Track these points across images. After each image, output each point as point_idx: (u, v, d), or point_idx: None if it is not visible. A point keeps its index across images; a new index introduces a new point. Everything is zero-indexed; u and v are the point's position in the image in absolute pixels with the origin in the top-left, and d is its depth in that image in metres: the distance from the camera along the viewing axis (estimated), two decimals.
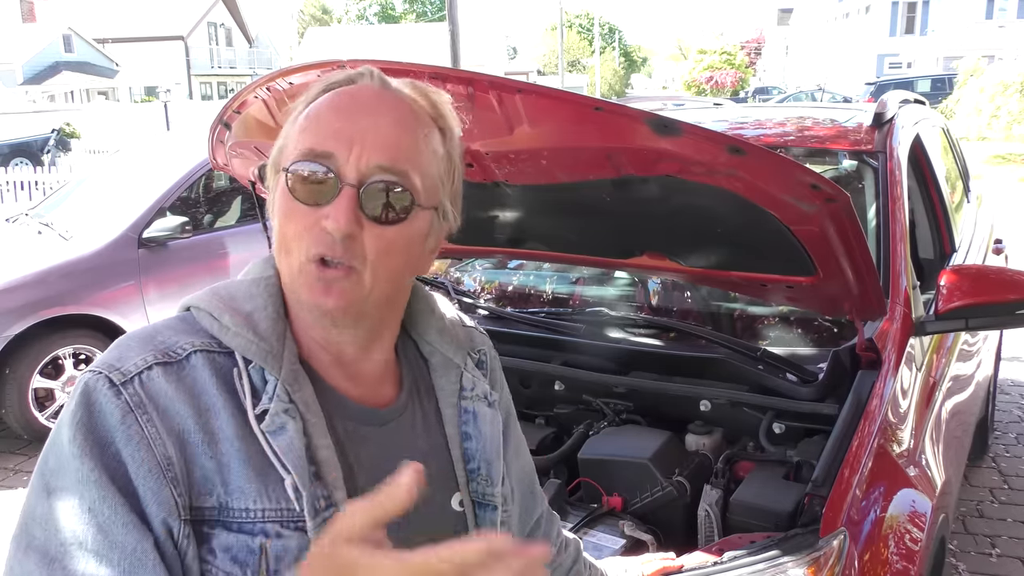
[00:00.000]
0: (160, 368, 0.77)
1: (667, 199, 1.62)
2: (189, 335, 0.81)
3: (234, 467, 0.76)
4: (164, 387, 0.76)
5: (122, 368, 0.76)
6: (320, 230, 0.79)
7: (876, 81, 27.35)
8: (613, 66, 70.71)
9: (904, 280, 2.05)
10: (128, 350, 0.79)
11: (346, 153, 0.79)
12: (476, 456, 0.94)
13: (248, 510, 0.76)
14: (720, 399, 1.90)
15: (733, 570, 1.38)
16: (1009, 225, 5.44)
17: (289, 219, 0.81)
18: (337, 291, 0.80)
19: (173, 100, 23.11)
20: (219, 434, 0.76)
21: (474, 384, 0.97)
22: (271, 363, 0.80)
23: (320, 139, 0.80)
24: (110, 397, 0.75)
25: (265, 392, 0.79)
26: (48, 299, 4.21)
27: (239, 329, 0.81)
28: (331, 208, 0.79)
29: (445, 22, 11.79)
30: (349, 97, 0.83)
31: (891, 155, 2.38)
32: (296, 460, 0.77)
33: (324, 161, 0.79)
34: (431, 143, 0.85)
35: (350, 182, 0.79)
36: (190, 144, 5.20)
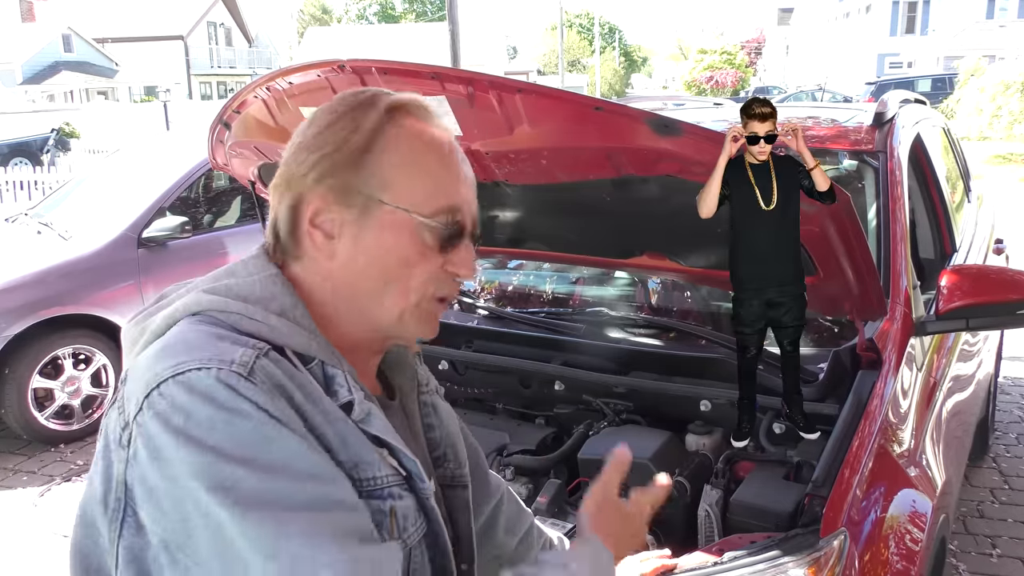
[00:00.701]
0: (264, 358, 0.77)
1: (667, 199, 1.62)
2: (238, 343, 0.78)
3: (352, 441, 0.80)
4: (277, 372, 0.76)
5: (235, 360, 0.74)
6: (447, 276, 0.88)
7: (876, 81, 27.36)
8: (613, 66, 70.71)
9: (904, 280, 2.05)
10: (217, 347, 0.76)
11: (467, 206, 0.88)
12: (441, 443, 1.01)
13: (375, 478, 0.80)
14: (720, 399, 1.90)
15: (733, 570, 1.38)
16: (1009, 225, 5.43)
17: (419, 264, 0.85)
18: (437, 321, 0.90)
19: (173, 100, 23.12)
20: (331, 414, 0.79)
21: (428, 379, 1.04)
22: (332, 357, 0.84)
23: (449, 195, 0.87)
24: (249, 385, 0.73)
25: (338, 384, 0.82)
26: (48, 299, 4.21)
27: (289, 328, 0.82)
28: (458, 256, 0.88)
29: (445, 22, 11.78)
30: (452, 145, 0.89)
31: (891, 155, 2.37)
32: (395, 436, 0.84)
33: (456, 215, 0.87)
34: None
35: (472, 233, 0.89)
36: (190, 144, 5.20)
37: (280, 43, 57.63)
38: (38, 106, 24.65)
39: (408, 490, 0.84)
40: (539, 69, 59.47)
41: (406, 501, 0.84)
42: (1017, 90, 16.48)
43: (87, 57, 38.89)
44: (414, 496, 0.85)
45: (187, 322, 0.81)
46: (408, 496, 0.84)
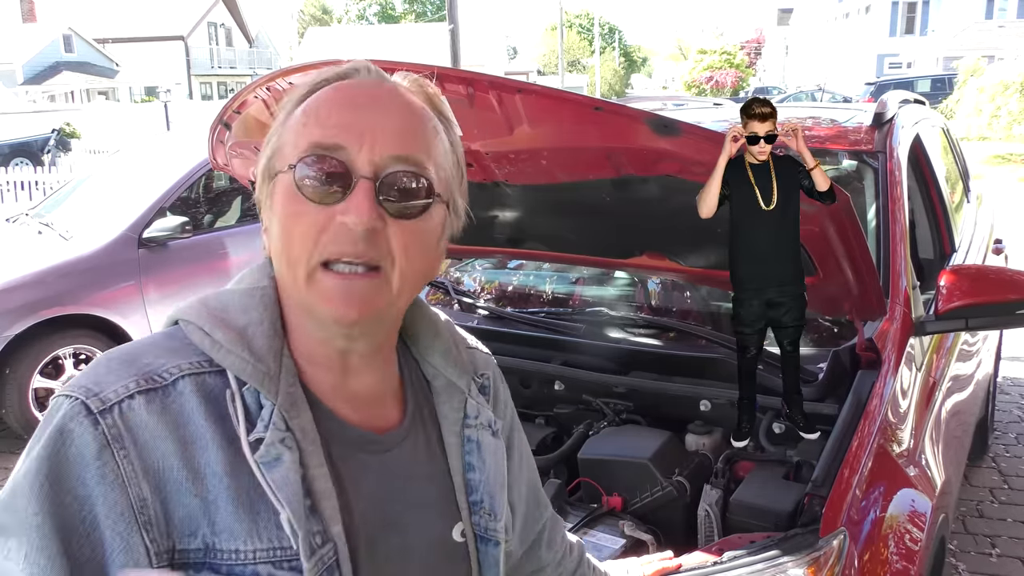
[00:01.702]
0: (142, 397, 0.70)
1: (667, 199, 1.62)
2: (177, 356, 0.74)
3: (221, 505, 0.70)
4: (145, 419, 0.70)
5: (101, 394, 0.70)
6: (337, 227, 0.72)
7: (876, 81, 27.35)
8: (613, 66, 70.71)
9: (904, 280, 2.05)
10: (109, 373, 0.72)
11: (357, 144, 0.73)
12: (479, 488, 0.89)
13: (238, 551, 0.70)
14: (720, 399, 1.90)
15: (733, 570, 1.38)
16: (1009, 225, 5.43)
17: (297, 222, 0.73)
18: (359, 297, 0.74)
19: (173, 100, 23.10)
20: (205, 470, 0.70)
21: (478, 412, 0.91)
22: (267, 386, 0.74)
23: (326, 132, 0.74)
24: (87, 427, 0.68)
25: (260, 418, 0.73)
26: (48, 299, 4.21)
27: (232, 347, 0.74)
28: (348, 204, 0.72)
29: (445, 22, 11.78)
30: (350, 89, 0.77)
31: (891, 155, 2.38)
32: (291, 495, 0.71)
33: (334, 154, 0.73)
34: (439, 134, 0.80)
35: (365, 174, 0.73)
36: (190, 144, 5.19)
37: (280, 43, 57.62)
38: (39, 106, 24.63)
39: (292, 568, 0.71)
40: (539, 69, 59.46)
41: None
42: (1016, 90, 16.48)
43: (88, 57, 38.89)
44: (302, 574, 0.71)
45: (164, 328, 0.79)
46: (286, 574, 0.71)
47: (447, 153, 0.81)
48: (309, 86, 0.79)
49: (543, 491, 1.13)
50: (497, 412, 0.96)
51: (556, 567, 1.16)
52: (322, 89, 0.78)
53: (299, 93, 0.79)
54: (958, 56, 24.79)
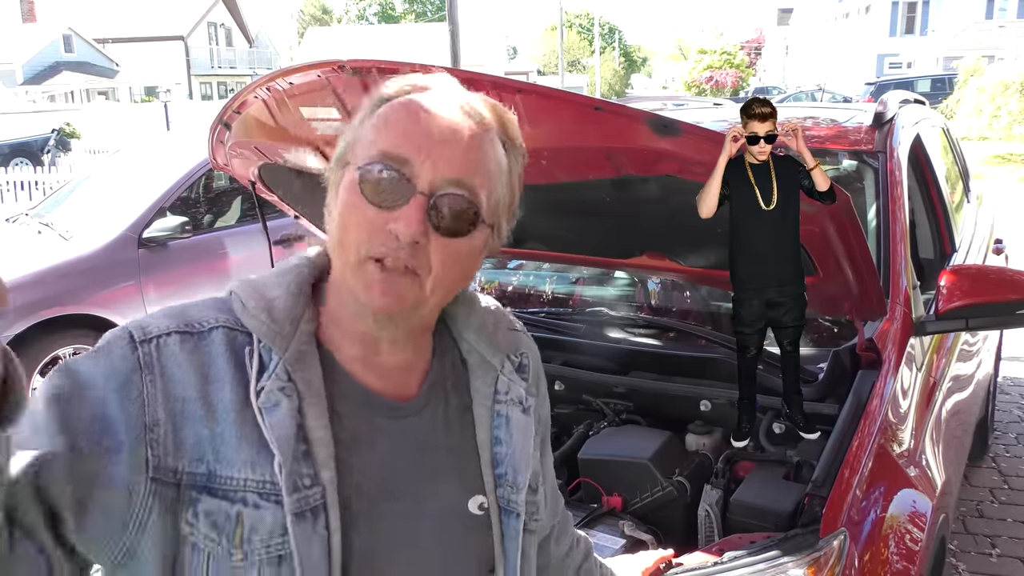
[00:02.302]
0: (179, 336, 0.81)
1: (667, 199, 1.62)
2: (218, 312, 0.85)
3: (227, 437, 0.79)
4: (176, 354, 0.80)
5: (146, 328, 0.81)
6: (386, 233, 0.79)
7: (876, 81, 27.35)
8: (613, 66, 70.70)
9: (904, 280, 2.05)
10: (159, 317, 0.84)
11: (421, 161, 0.80)
12: (504, 461, 0.93)
13: (232, 478, 0.78)
14: (720, 399, 1.90)
15: (733, 570, 1.38)
16: (1009, 225, 5.43)
17: (353, 216, 0.81)
18: (396, 292, 0.81)
19: (173, 100, 23.11)
20: (219, 405, 0.79)
21: (509, 388, 0.96)
22: (278, 343, 0.83)
23: (396, 143, 0.81)
24: (127, 351, 0.79)
25: (268, 369, 0.82)
26: (48, 299, 4.21)
27: (257, 312, 0.84)
28: (400, 213, 0.79)
29: (445, 22, 11.79)
30: (425, 104, 0.83)
31: (891, 155, 2.38)
32: (282, 436, 0.79)
33: (399, 166, 0.80)
34: (500, 163, 0.86)
35: (422, 190, 0.80)
36: (190, 144, 5.20)
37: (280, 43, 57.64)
38: (39, 106, 24.64)
39: (276, 502, 0.78)
40: (539, 69, 59.46)
41: (263, 513, 0.78)
42: (1016, 90, 16.48)
43: (88, 57, 38.89)
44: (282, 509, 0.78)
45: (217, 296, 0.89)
46: (269, 507, 0.78)
47: (503, 176, 0.87)
48: (394, 88, 0.86)
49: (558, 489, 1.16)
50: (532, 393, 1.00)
51: (562, 561, 1.19)
52: (404, 96, 0.85)
53: (384, 94, 0.86)
54: (958, 56, 24.80)
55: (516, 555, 0.93)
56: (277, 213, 2.53)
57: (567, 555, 1.19)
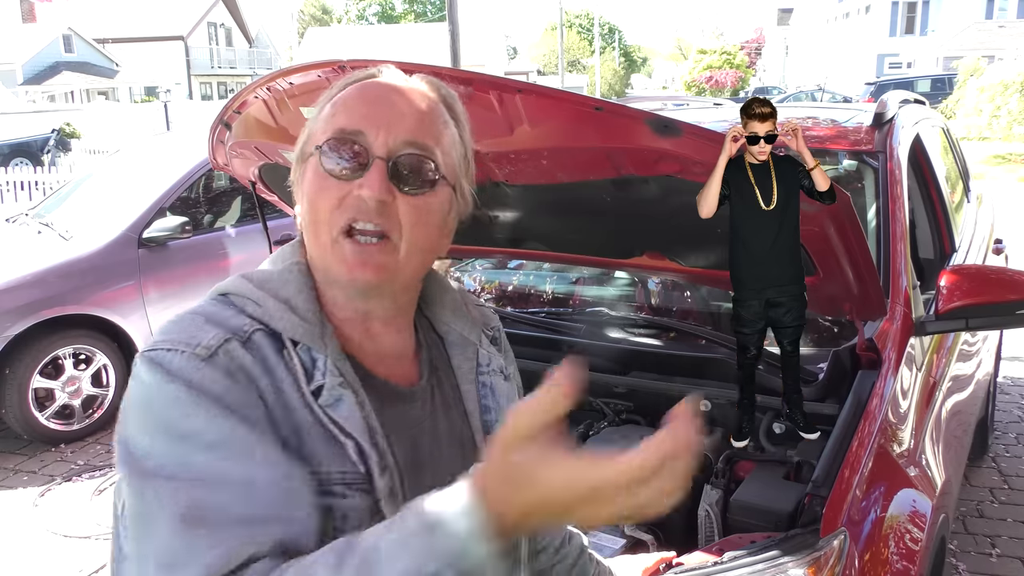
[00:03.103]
0: (236, 342, 0.81)
1: (667, 199, 1.62)
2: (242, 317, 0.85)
3: (306, 433, 0.81)
4: (243, 357, 0.80)
5: (203, 343, 0.79)
6: (354, 199, 0.84)
7: (876, 81, 27.35)
8: (613, 66, 70.69)
9: (904, 280, 2.05)
10: (197, 330, 0.81)
11: (375, 131, 0.85)
12: (495, 426, 0.98)
13: (319, 472, 0.80)
14: (720, 399, 1.90)
15: (733, 570, 1.38)
16: (1009, 225, 5.43)
17: (320, 195, 0.85)
18: (373, 264, 0.85)
19: (173, 100, 23.11)
20: (291, 403, 0.81)
21: (489, 360, 1.02)
22: (318, 342, 0.84)
23: (350, 120, 0.86)
24: (205, 369, 0.77)
25: (316, 369, 0.83)
26: (48, 299, 4.21)
27: (283, 313, 0.85)
28: (364, 179, 0.84)
29: (445, 22, 11.78)
30: (372, 86, 0.90)
31: (891, 155, 2.37)
32: (358, 426, 0.82)
33: (355, 137, 0.85)
34: (449, 128, 0.91)
35: (379, 155, 0.85)
36: (190, 144, 5.20)
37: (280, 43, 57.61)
38: (39, 106, 24.63)
39: (360, 489, 0.82)
40: (539, 69, 59.45)
41: (352, 500, 0.81)
42: (1016, 90, 16.47)
43: (88, 57, 38.87)
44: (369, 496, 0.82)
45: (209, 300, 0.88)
46: (356, 495, 0.81)
47: (455, 144, 0.92)
48: (340, 85, 0.92)
49: None
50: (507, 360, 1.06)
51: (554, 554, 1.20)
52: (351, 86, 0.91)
53: (332, 91, 0.92)
54: (958, 56, 24.80)
55: None
56: (277, 213, 2.53)
57: (560, 548, 1.21)
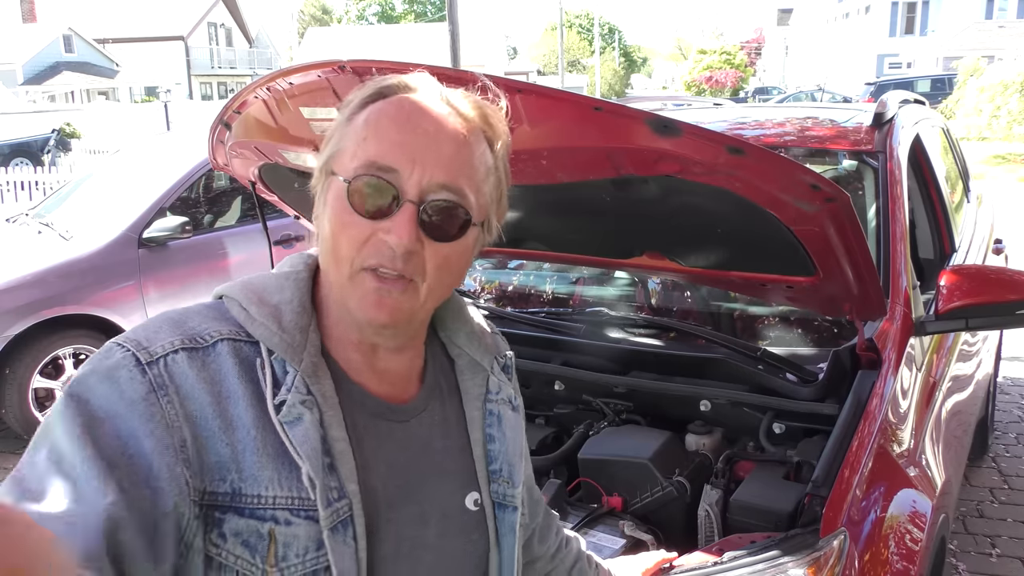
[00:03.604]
0: (185, 353, 0.78)
1: (667, 199, 1.62)
2: (218, 323, 0.82)
3: (248, 455, 0.77)
4: (187, 372, 0.77)
5: (150, 348, 0.77)
6: (379, 243, 0.80)
7: (876, 81, 27.35)
8: (613, 66, 70.67)
9: (904, 280, 2.05)
10: (158, 331, 0.79)
11: (409, 169, 0.80)
12: (499, 458, 0.96)
13: (261, 496, 0.77)
14: (720, 399, 1.90)
15: (733, 570, 1.38)
16: (1009, 225, 5.43)
17: (345, 228, 0.81)
18: (391, 305, 0.81)
19: (173, 100, 23.10)
20: (236, 421, 0.77)
21: (500, 388, 0.99)
22: (291, 355, 0.81)
23: (383, 152, 0.80)
24: (136, 374, 0.75)
25: (284, 383, 0.80)
26: (48, 299, 4.21)
27: (264, 320, 0.82)
28: (392, 223, 0.79)
29: (445, 22, 11.79)
30: (410, 110, 0.83)
31: (891, 155, 2.37)
32: (311, 451, 0.78)
33: (387, 176, 0.80)
34: (486, 161, 0.87)
35: (411, 198, 0.80)
36: (190, 144, 5.20)
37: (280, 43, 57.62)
38: (39, 106, 24.63)
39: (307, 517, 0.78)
40: (539, 69, 59.44)
41: (296, 529, 0.77)
42: (1016, 90, 16.46)
43: (88, 57, 38.87)
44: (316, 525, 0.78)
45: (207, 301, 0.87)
46: (302, 524, 0.78)
47: (490, 173, 0.87)
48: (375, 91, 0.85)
49: (537, 489, 1.18)
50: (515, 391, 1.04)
51: (550, 561, 1.20)
52: (385, 100, 0.84)
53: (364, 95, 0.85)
54: (958, 56, 24.79)
55: (513, 547, 0.96)
56: (277, 213, 2.53)
57: (555, 555, 1.21)
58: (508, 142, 0.92)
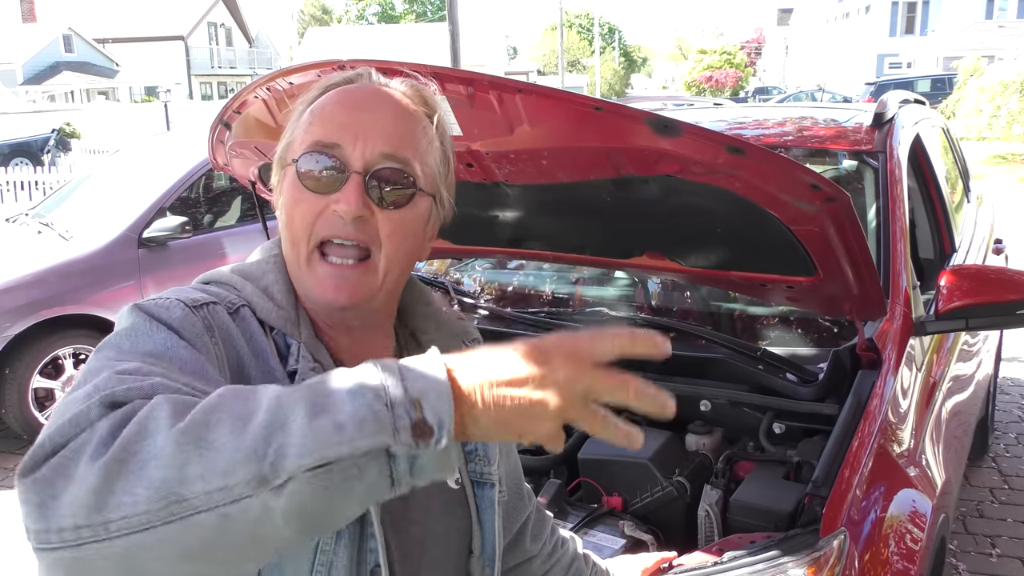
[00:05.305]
0: (222, 307, 0.82)
1: (667, 199, 1.62)
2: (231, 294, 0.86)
3: None
4: (227, 321, 0.81)
5: (191, 297, 0.81)
6: (330, 214, 0.84)
7: (876, 81, 27.35)
8: (613, 66, 70.67)
9: (904, 280, 2.05)
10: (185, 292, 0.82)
11: (352, 143, 0.84)
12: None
13: None
14: (720, 399, 1.90)
15: (733, 570, 1.38)
16: (1009, 225, 5.43)
17: (297, 207, 0.85)
18: (349, 287, 0.85)
19: (173, 100, 23.11)
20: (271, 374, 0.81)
21: None
22: (291, 329, 0.85)
23: (327, 132, 0.85)
24: (189, 313, 0.78)
25: (291, 354, 0.84)
26: (48, 299, 4.21)
27: (260, 299, 0.86)
28: (340, 194, 0.84)
29: (445, 22, 11.79)
30: (350, 94, 0.89)
31: (891, 155, 2.37)
32: None
33: (331, 151, 0.85)
34: (427, 134, 0.90)
35: (356, 169, 0.84)
36: (190, 144, 5.19)
37: (280, 43, 57.64)
38: (39, 106, 24.64)
39: None
40: (539, 69, 59.43)
41: None
42: (1016, 90, 16.46)
43: (88, 57, 38.87)
44: None
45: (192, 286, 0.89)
46: None
47: (434, 150, 0.91)
48: (320, 89, 0.91)
49: (526, 486, 1.20)
50: None
51: (546, 560, 1.22)
52: (329, 92, 0.90)
53: (311, 95, 0.91)
54: (958, 56, 24.80)
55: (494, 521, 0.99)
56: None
57: (552, 555, 1.23)
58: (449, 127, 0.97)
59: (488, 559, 0.99)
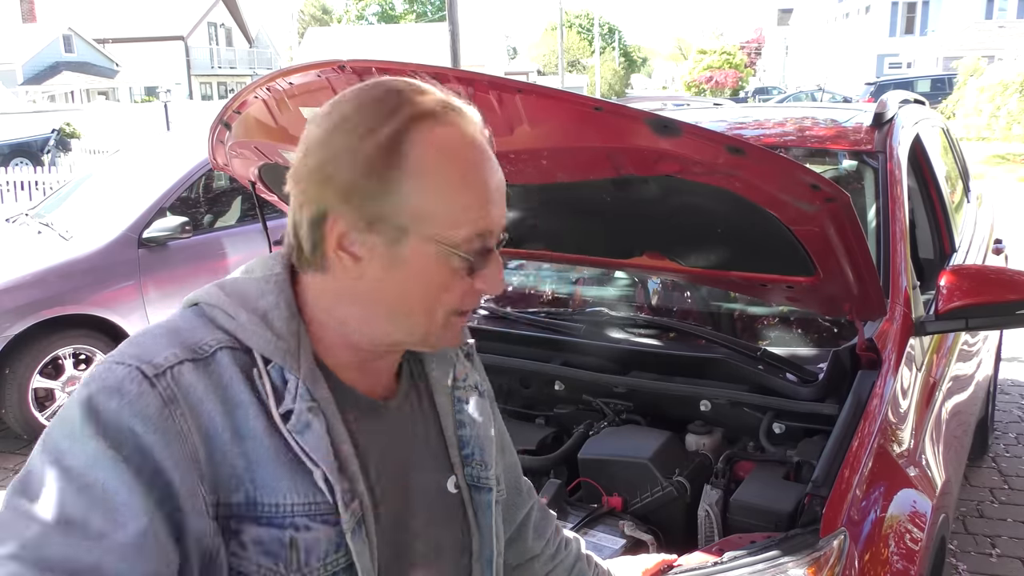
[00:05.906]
0: (190, 364, 0.77)
1: (667, 199, 1.62)
2: (211, 332, 0.80)
3: (262, 463, 0.77)
4: (194, 383, 0.76)
5: (153, 361, 0.75)
6: (476, 293, 0.86)
7: (876, 81, 27.35)
8: (613, 66, 70.67)
9: (904, 280, 2.05)
10: (155, 345, 0.77)
11: (496, 223, 0.85)
12: (471, 442, 0.99)
13: (279, 505, 0.77)
14: (720, 399, 1.90)
15: (733, 570, 1.38)
16: (1009, 225, 5.43)
17: (449, 290, 0.83)
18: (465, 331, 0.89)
19: (173, 100, 23.11)
20: (246, 431, 0.77)
21: (466, 375, 1.02)
22: (290, 362, 0.81)
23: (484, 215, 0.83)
24: (146, 388, 0.73)
25: (287, 391, 0.80)
26: (48, 299, 4.21)
27: (256, 327, 0.81)
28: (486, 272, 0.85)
29: (445, 22, 11.79)
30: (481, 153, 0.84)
31: (891, 155, 2.37)
32: (324, 456, 0.79)
33: (487, 240, 0.84)
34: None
35: (494, 244, 0.86)
36: (190, 144, 5.19)
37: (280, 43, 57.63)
38: (39, 106, 24.65)
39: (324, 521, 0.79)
40: (539, 69, 59.43)
41: (315, 533, 0.78)
42: (1016, 90, 16.46)
43: (88, 57, 38.87)
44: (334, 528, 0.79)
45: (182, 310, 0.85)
46: (320, 528, 0.78)
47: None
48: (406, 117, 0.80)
49: (526, 480, 1.20)
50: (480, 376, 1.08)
51: (549, 560, 1.22)
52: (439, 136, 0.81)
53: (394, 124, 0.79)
54: (958, 56, 24.79)
55: (491, 523, 0.99)
56: (277, 213, 2.53)
57: (555, 556, 1.22)
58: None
59: (487, 562, 0.99)
